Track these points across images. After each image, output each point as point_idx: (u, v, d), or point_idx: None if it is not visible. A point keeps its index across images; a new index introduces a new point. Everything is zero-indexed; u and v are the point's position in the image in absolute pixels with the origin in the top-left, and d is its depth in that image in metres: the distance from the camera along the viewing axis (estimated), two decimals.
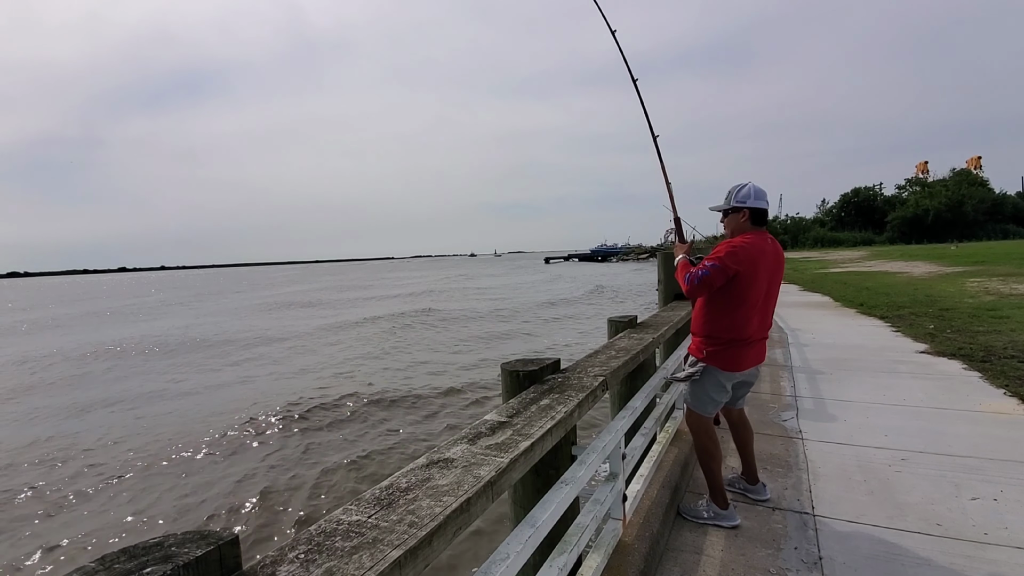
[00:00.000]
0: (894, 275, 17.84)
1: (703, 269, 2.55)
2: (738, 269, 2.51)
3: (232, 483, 6.38)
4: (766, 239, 2.64)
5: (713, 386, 2.70)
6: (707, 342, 2.68)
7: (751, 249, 2.54)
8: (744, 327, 2.61)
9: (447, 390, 9.99)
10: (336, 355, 14.79)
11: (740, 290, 2.55)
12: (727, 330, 2.61)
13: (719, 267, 2.52)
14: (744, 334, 2.62)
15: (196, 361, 15.02)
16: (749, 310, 2.59)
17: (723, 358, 2.64)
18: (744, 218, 2.65)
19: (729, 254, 2.52)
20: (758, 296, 2.60)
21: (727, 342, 2.62)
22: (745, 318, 2.60)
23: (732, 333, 2.61)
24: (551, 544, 1.80)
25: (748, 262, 2.52)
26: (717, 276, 2.53)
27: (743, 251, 2.53)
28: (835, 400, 4.79)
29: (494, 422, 1.73)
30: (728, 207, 2.69)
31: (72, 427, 9.22)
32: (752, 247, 2.55)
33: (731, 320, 2.60)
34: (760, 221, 2.67)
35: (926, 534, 2.57)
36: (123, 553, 0.84)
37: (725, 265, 2.51)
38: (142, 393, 11.42)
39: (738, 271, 2.52)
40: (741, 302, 2.58)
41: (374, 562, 0.94)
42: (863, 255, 35.99)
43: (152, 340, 19.52)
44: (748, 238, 2.58)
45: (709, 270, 2.53)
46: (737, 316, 2.59)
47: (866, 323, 9.06)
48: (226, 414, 9.27)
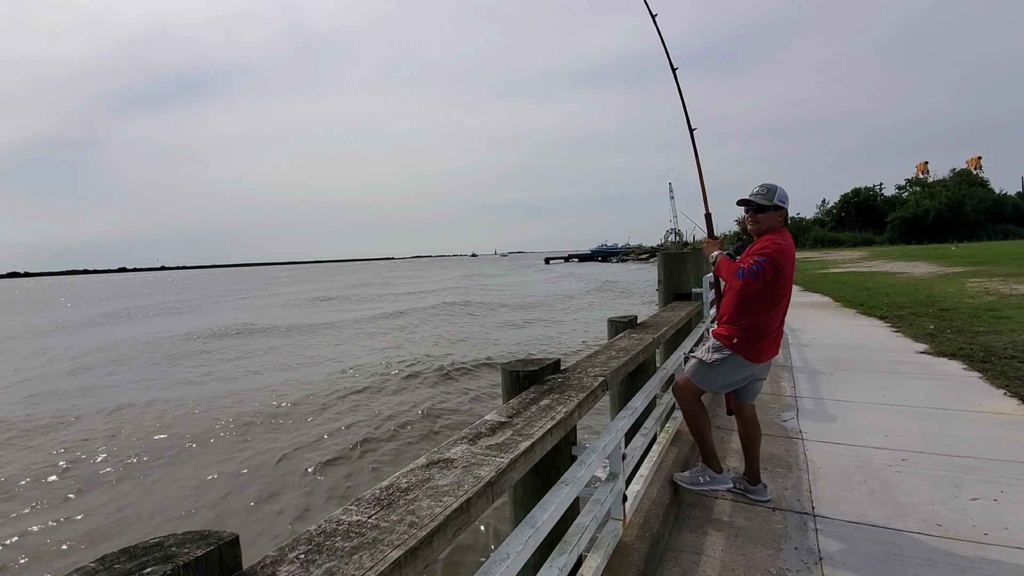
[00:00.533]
0: (894, 275, 17.83)
1: (756, 264, 2.58)
2: (785, 265, 2.64)
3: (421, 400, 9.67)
4: (790, 237, 2.76)
5: (729, 371, 2.78)
6: (739, 331, 2.74)
7: (790, 247, 2.69)
8: (775, 321, 2.75)
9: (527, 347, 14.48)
10: (415, 335, 18.19)
11: (780, 286, 2.68)
12: (764, 324, 2.72)
13: (771, 262, 2.59)
14: (773, 328, 2.75)
15: (307, 340, 18.24)
16: (779, 307, 2.74)
17: (751, 349, 2.74)
18: (781, 217, 2.77)
19: (778, 251, 2.61)
20: (789, 292, 2.76)
21: (760, 335, 2.72)
22: (778, 312, 2.75)
23: (766, 327, 2.73)
24: (551, 544, 1.80)
25: (790, 259, 2.67)
26: (769, 270, 2.60)
27: (788, 249, 2.66)
28: (835, 400, 4.79)
29: (494, 422, 1.73)
30: (771, 204, 2.75)
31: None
32: (790, 246, 2.69)
33: (769, 314, 2.72)
34: (786, 221, 2.82)
35: (926, 534, 2.57)
36: (123, 553, 0.84)
37: (776, 261, 2.60)
38: (314, 356, 15.17)
39: (784, 267, 2.64)
40: (779, 297, 2.71)
41: (374, 562, 0.94)
42: (863, 255, 35.99)
43: (254, 327, 22.33)
44: (781, 236, 2.69)
45: (763, 265, 2.58)
46: (772, 310, 2.72)
47: (866, 323, 9.06)
48: (379, 364, 13.05)
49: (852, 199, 71.24)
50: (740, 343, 2.73)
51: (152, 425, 9.10)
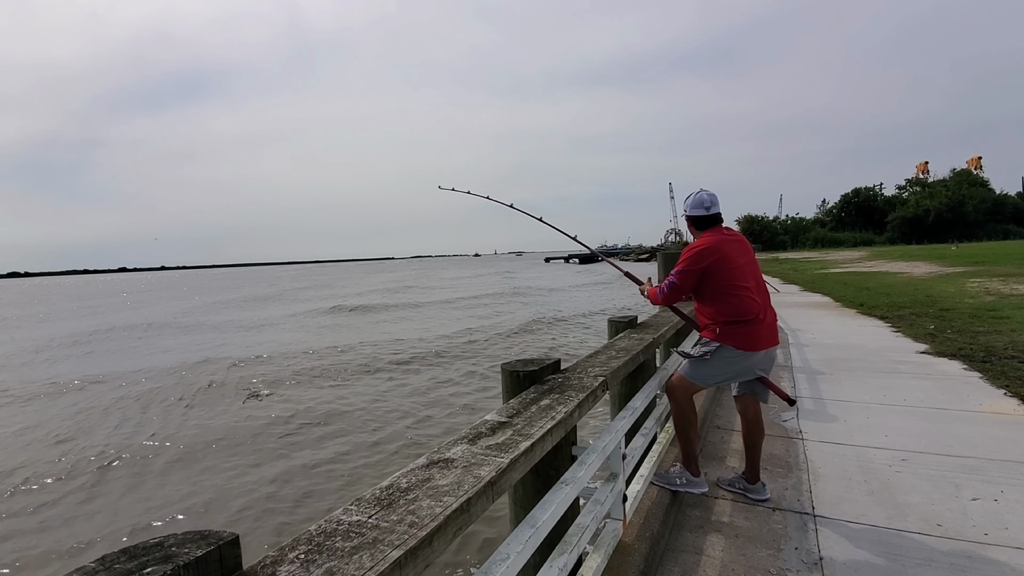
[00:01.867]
0: (894, 275, 17.83)
1: (669, 279, 2.84)
2: (703, 266, 2.75)
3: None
4: (721, 232, 2.87)
5: (721, 363, 2.79)
6: (719, 324, 2.78)
7: (709, 244, 2.77)
8: (748, 308, 2.76)
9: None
10: (501, 312, 22.64)
11: (722, 277, 2.75)
12: (734, 313, 2.75)
13: (683, 271, 2.79)
14: (751, 313, 2.77)
15: (414, 314, 22.92)
16: (744, 292, 2.76)
17: (737, 336, 2.75)
18: (689, 224, 2.97)
19: (689, 257, 2.78)
20: (745, 278, 2.78)
21: (739, 321, 2.76)
22: (746, 299, 2.76)
23: (740, 314, 2.75)
24: (551, 544, 1.80)
25: (711, 254, 2.75)
26: (683, 280, 2.80)
27: (703, 250, 2.76)
28: (835, 400, 4.79)
29: (494, 422, 1.73)
30: (686, 216, 3.03)
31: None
32: (709, 243, 2.78)
33: (733, 305, 2.75)
34: (703, 225, 2.91)
35: (926, 534, 2.57)
36: (123, 553, 0.84)
37: (688, 269, 2.77)
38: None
39: (704, 267, 2.74)
40: (732, 287, 2.75)
41: (374, 562, 0.94)
42: (863, 255, 35.97)
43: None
44: (704, 238, 2.84)
45: (676, 276, 2.81)
46: (734, 300, 2.75)
47: (866, 323, 9.06)
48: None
49: (852, 199, 71.23)
50: (723, 333, 2.76)
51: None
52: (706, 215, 2.88)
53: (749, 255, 2.89)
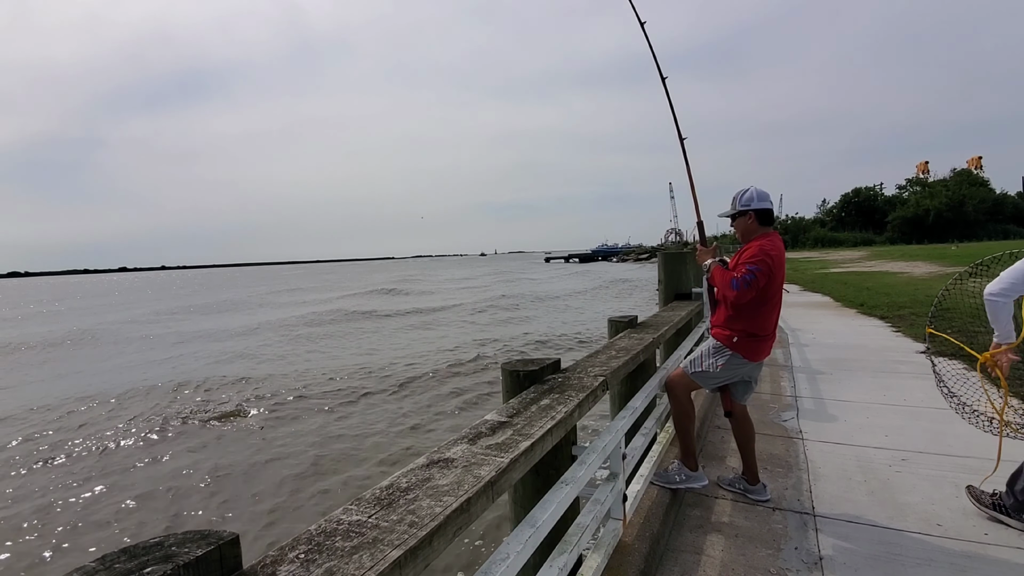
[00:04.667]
0: (895, 275, 17.82)
1: (749, 273, 2.61)
2: (776, 270, 2.66)
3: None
4: (777, 238, 2.76)
5: (728, 369, 2.80)
6: (739, 333, 2.76)
7: (776, 251, 2.68)
8: (771, 322, 2.78)
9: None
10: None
11: (773, 289, 2.71)
12: (759, 327, 2.75)
13: (762, 271, 2.61)
14: (770, 328, 2.78)
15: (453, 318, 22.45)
16: (774, 308, 2.79)
17: (750, 348, 2.76)
18: (751, 220, 2.77)
19: (766, 260, 2.62)
20: (778, 293, 2.78)
21: (758, 336, 2.75)
22: (773, 313, 2.79)
23: (762, 329, 2.75)
24: (551, 544, 1.80)
25: (780, 263, 2.69)
26: (762, 278, 2.63)
27: (776, 253, 2.67)
28: (835, 400, 4.79)
29: (494, 422, 1.73)
30: (735, 212, 2.82)
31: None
32: (775, 249, 2.68)
33: (763, 318, 2.75)
34: (767, 221, 2.78)
35: (926, 534, 2.57)
36: (123, 553, 0.84)
37: (766, 270, 2.62)
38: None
39: (776, 272, 2.67)
40: (769, 300, 2.73)
41: (374, 562, 0.94)
42: (863, 255, 35.93)
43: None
44: (767, 240, 2.70)
45: (755, 274, 2.61)
46: (763, 313, 2.74)
47: (866, 323, 9.06)
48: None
49: (852, 199, 71.20)
50: (740, 343, 2.75)
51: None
52: (772, 208, 2.79)
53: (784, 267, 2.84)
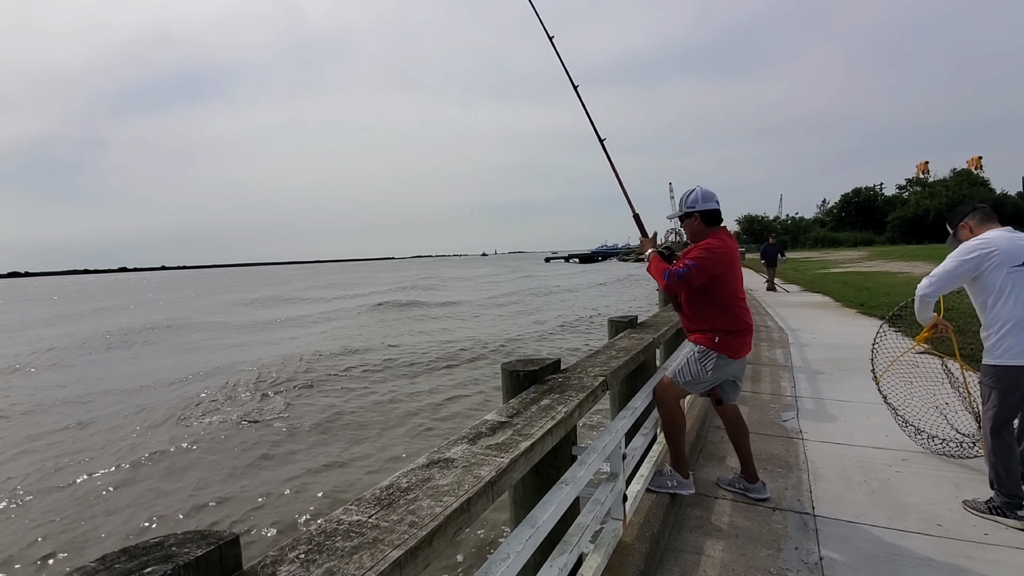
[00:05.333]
0: (895, 275, 17.82)
1: (684, 267, 2.65)
2: (717, 272, 2.68)
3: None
4: (726, 236, 2.79)
5: (717, 371, 2.79)
6: (719, 333, 2.77)
7: (723, 248, 2.71)
8: (742, 318, 2.80)
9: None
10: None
11: (726, 288, 2.75)
12: (731, 324, 2.76)
13: (700, 267, 2.64)
14: (743, 324, 2.79)
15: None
16: (741, 302, 2.81)
17: (731, 346, 2.77)
18: (697, 221, 2.81)
19: (708, 258, 2.65)
20: (739, 288, 2.82)
21: (735, 333, 2.76)
22: (740, 310, 2.80)
23: (736, 325, 2.76)
24: (551, 544, 1.80)
25: (726, 262, 2.71)
26: (697, 275, 2.64)
27: (720, 252, 2.68)
28: (835, 400, 4.79)
29: (494, 422, 1.73)
30: (682, 213, 2.87)
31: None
32: (723, 246, 2.71)
33: (732, 315, 2.76)
34: (714, 221, 2.81)
35: (926, 534, 2.57)
36: (123, 553, 0.84)
37: (706, 267, 2.64)
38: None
39: (718, 273, 2.68)
40: (731, 297, 2.77)
41: (374, 562, 0.94)
42: (863, 255, 35.93)
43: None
44: (716, 240, 2.73)
45: (690, 269, 2.64)
46: (733, 310, 2.76)
47: (867, 323, 9.05)
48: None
49: (852, 199, 71.20)
50: (721, 342, 2.75)
51: None
52: (717, 208, 2.81)
53: (740, 263, 2.89)
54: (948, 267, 2.74)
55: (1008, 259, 2.60)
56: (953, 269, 2.73)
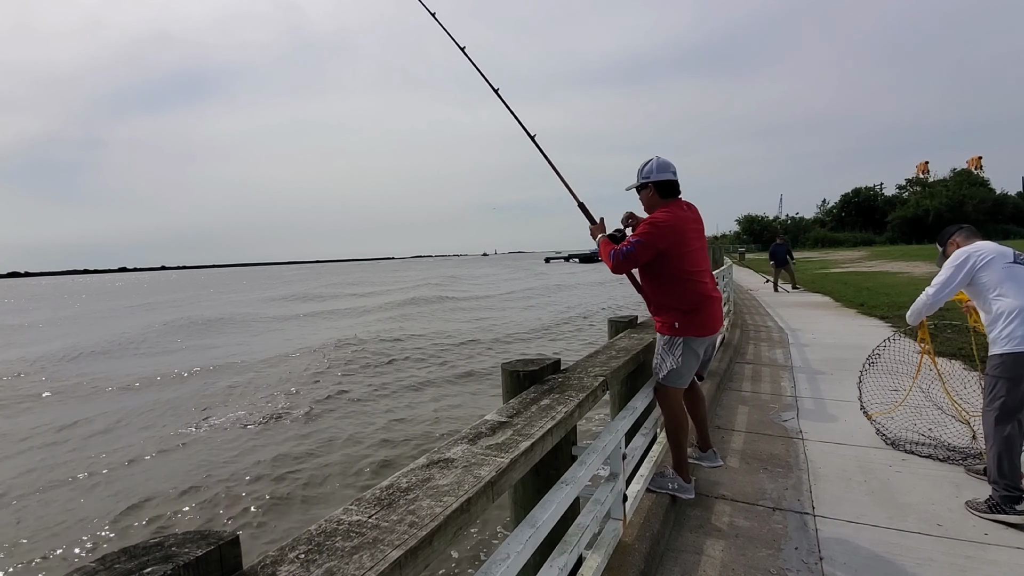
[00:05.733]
0: (895, 275, 17.83)
1: (627, 246, 2.60)
2: (663, 246, 2.58)
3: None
4: (681, 206, 2.71)
5: (688, 357, 2.72)
6: (675, 315, 2.70)
7: (671, 221, 2.59)
8: (700, 290, 2.68)
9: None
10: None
11: (677, 261, 2.63)
12: (689, 300, 2.67)
13: (643, 243, 2.57)
14: (703, 298, 2.69)
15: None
16: (697, 275, 2.68)
17: (695, 325, 2.68)
18: (652, 192, 2.73)
19: (651, 232, 2.57)
20: (699, 261, 2.70)
21: (696, 309, 2.67)
22: (698, 283, 2.68)
23: (694, 302, 2.67)
24: (551, 544, 1.80)
25: (672, 235, 2.59)
26: (641, 252, 2.58)
27: (665, 226, 2.58)
28: (835, 400, 4.79)
29: (494, 422, 1.73)
30: (638, 184, 2.79)
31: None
32: (671, 218, 2.60)
33: (686, 290, 2.67)
34: (669, 192, 2.72)
35: (926, 534, 2.57)
36: (123, 553, 0.84)
37: (648, 243, 2.57)
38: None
39: (665, 247, 2.58)
40: (686, 272, 2.65)
41: (374, 562, 0.93)
42: (863, 255, 35.95)
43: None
44: (665, 211, 2.63)
45: (634, 246, 2.58)
46: (688, 285, 2.66)
47: (867, 323, 9.06)
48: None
49: (852, 199, 71.22)
50: (683, 325, 2.67)
51: None
52: (674, 179, 2.72)
53: (703, 240, 2.78)
54: (945, 275, 2.96)
55: (1000, 258, 2.82)
56: (951, 275, 2.92)
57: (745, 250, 51.52)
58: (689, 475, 2.95)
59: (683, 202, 2.75)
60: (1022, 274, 2.74)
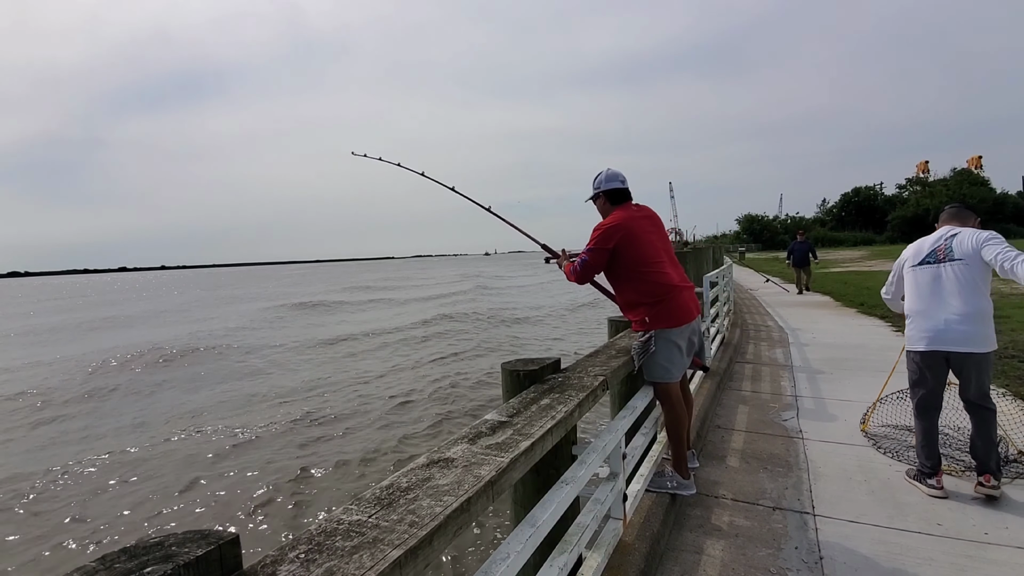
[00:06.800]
0: None
1: (582, 256, 2.79)
2: (611, 244, 2.71)
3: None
4: (630, 208, 2.86)
5: (667, 349, 2.74)
6: (643, 310, 2.76)
7: (616, 220, 2.75)
8: (662, 280, 2.75)
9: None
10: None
11: (632, 256, 2.73)
12: (653, 292, 2.74)
13: (594, 248, 2.74)
14: (669, 288, 2.75)
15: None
16: (658, 266, 2.75)
17: (665, 315, 2.73)
18: (602, 201, 2.93)
19: (599, 235, 2.74)
20: (655, 253, 2.77)
21: (661, 300, 2.73)
22: (658, 273, 2.75)
23: (658, 292, 2.73)
24: (551, 544, 1.80)
25: (618, 232, 2.72)
26: (595, 258, 2.75)
27: (611, 226, 2.73)
28: (836, 400, 4.79)
29: (494, 422, 1.73)
30: (591, 195, 3.00)
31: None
32: (615, 219, 2.77)
33: (647, 282, 2.75)
34: (619, 199, 2.89)
35: (927, 534, 2.57)
36: (123, 552, 0.84)
37: (598, 246, 2.73)
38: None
39: (614, 246, 2.71)
40: (645, 264, 2.73)
41: (374, 562, 0.93)
42: (864, 255, 35.96)
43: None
44: (614, 215, 2.81)
45: (587, 254, 2.77)
46: (649, 276, 2.74)
47: (867, 322, 9.06)
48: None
49: (852, 199, 71.21)
50: (653, 317, 2.72)
51: None
52: (622, 187, 2.88)
53: (661, 231, 2.88)
54: (891, 274, 3.32)
55: (912, 258, 3.09)
56: (891, 275, 3.32)
57: (745, 250, 51.50)
58: (688, 472, 2.97)
59: (633, 204, 2.90)
60: (920, 277, 3.00)
